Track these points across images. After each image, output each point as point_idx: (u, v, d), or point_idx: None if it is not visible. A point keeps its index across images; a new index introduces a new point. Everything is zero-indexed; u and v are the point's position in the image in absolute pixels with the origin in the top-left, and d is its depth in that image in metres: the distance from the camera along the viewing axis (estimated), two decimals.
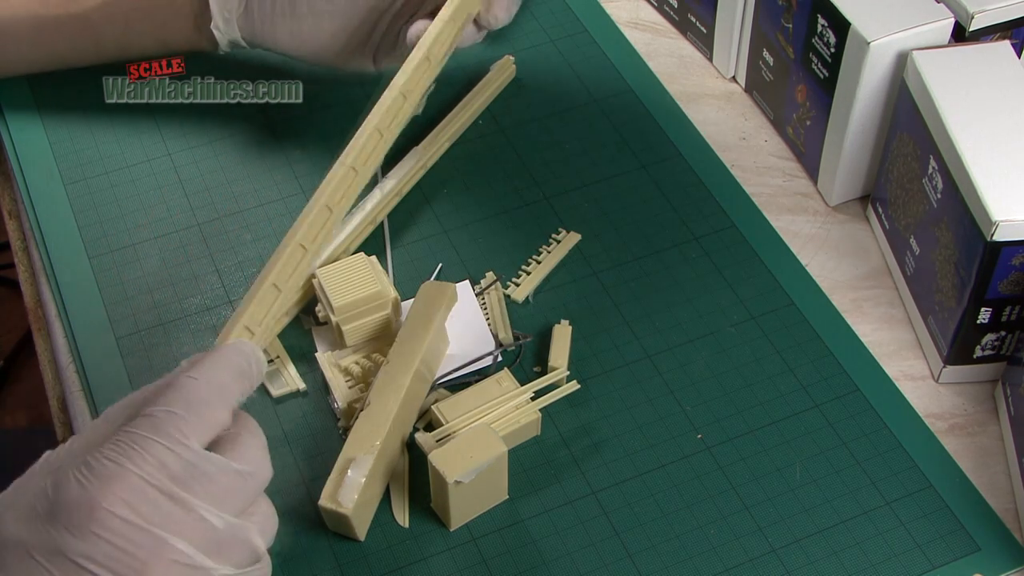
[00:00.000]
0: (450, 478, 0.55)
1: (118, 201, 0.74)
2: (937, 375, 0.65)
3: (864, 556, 0.58)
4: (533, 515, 0.59)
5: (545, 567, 0.58)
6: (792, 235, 0.72)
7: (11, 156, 0.77)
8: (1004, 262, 0.58)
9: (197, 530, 0.47)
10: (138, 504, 0.46)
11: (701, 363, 0.65)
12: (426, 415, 0.63)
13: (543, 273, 0.70)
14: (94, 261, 0.71)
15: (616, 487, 0.60)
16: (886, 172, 0.70)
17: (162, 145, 0.77)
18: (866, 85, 0.67)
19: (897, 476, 0.61)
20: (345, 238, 0.68)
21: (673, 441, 0.62)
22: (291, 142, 0.77)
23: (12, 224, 0.76)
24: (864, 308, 0.69)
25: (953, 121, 0.61)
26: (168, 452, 0.47)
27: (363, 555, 0.58)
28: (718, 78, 0.82)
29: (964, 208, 0.59)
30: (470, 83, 0.79)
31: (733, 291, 0.69)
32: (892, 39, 0.65)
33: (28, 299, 0.72)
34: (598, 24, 0.84)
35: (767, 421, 0.63)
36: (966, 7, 0.65)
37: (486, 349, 0.65)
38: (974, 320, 0.61)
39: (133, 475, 0.46)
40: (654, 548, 0.58)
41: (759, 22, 0.76)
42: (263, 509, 0.51)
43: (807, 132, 0.74)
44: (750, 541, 0.58)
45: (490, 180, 0.75)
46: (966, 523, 0.59)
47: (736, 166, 0.76)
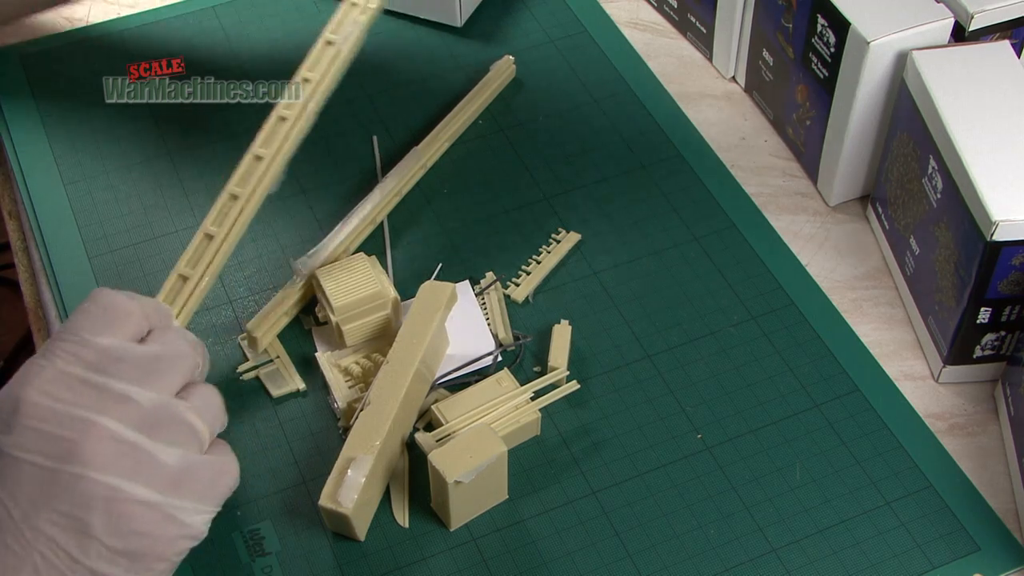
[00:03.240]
0: (450, 478, 0.55)
1: (118, 201, 0.74)
2: (937, 375, 0.65)
3: (864, 556, 0.58)
4: (533, 515, 0.59)
5: (545, 567, 0.58)
6: (792, 235, 0.72)
7: (11, 156, 0.77)
8: (1004, 262, 0.58)
9: (121, 408, 0.47)
10: (58, 392, 0.47)
11: (701, 363, 0.65)
12: (426, 415, 0.63)
13: (543, 273, 0.70)
14: (94, 261, 0.71)
15: (616, 487, 0.60)
16: (886, 172, 0.70)
17: (162, 145, 0.77)
18: (866, 85, 0.67)
19: (897, 476, 0.61)
20: (345, 238, 0.68)
21: (673, 441, 0.62)
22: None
23: (12, 224, 0.76)
24: (864, 308, 0.69)
25: (953, 121, 0.61)
26: (78, 346, 0.48)
27: (363, 555, 0.58)
28: (718, 78, 0.82)
29: (964, 208, 0.59)
30: (470, 83, 0.79)
31: (733, 291, 0.69)
32: (892, 39, 0.65)
33: (28, 299, 0.72)
34: (598, 24, 0.84)
35: (767, 421, 0.63)
36: (966, 7, 0.65)
37: (486, 349, 0.65)
38: (974, 320, 0.61)
39: (49, 369, 0.48)
40: (654, 548, 0.58)
41: (759, 22, 0.76)
42: (202, 393, 0.51)
43: (807, 132, 0.74)
44: (750, 541, 0.58)
45: (490, 180, 0.75)
46: (966, 523, 0.59)
47: (736, 166, 0.76)
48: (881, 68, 0.66)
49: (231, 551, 0.58)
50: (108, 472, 0.46)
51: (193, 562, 0.57)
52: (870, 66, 0.66)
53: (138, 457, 0.47)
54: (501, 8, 0.85)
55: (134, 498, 0.46)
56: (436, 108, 0.78)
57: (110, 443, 0.47)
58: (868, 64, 0.66)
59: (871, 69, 0.66)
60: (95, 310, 0.50)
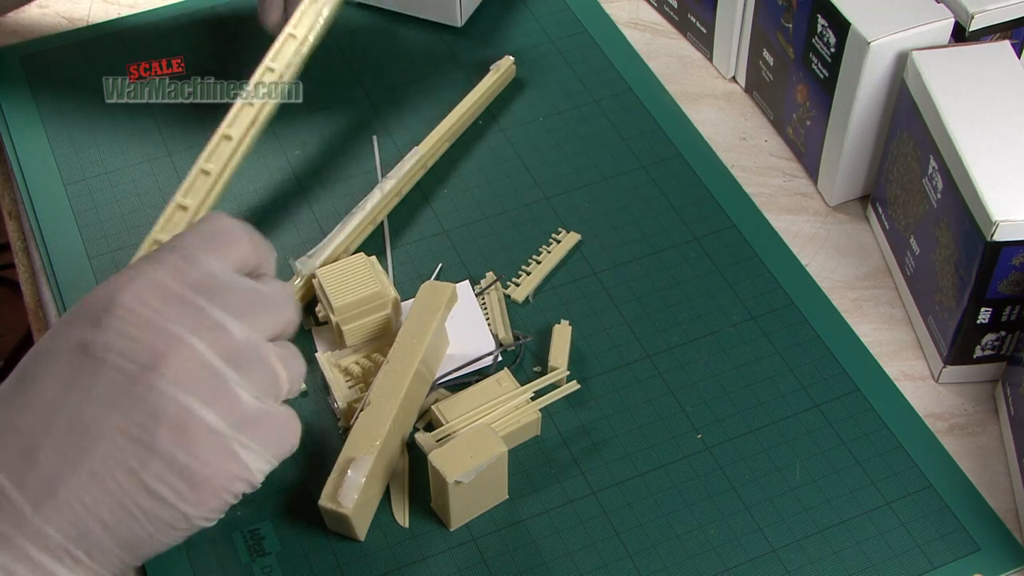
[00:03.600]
0: (450, 478, 0.55)
1: (118, 201, 0.74)
2: (937, 375, 0.65)
3: (864, 556, 0.58)
4: (533, 515, 0.59)
5: (545, 567, 0.58)
6: (792, 235, 0.72)
7: (11, 156, 0.77)
8: (1004, 262, 0.58)
9: (214, 335, 0.47)
10: (154, 302, 0.46)
11: (701, 363, 0.65)
12: (426, 415, 0.63)
13: (543, 273, 0.70)
14: (94, 261, 0.71)
15: (616, 487, 0.60)
16: (886, 172, 0.70)
17: (162, 145, 0.77)
18: (866, 85, 0.67)
19: (897, 476, 0.61)
20: (345, 238, 0.68)
21: (673, 441, 0.62)
22: (291, 142, 0.77)
23: (12, 224, 0.76)
24: (864, 308, 0.69)
25: (953, 121, 0.61)
26: (184, 263, 0.48)
27: (363, 555, 0.58)
28: (718, 78, 0.82)
29: (964, 208, 0.59)
30: (470, 83, 0.79)
31: (733, 291, 0.69)
32: (892, 39, 0.65)
33: (28, 299, 0.72)
34: (598, 24, 0.84)
35: (767, 421, 0.63)
36: (966, 7, 0.65)
37: (486, 349, 0.65)
38: (974, 320, 0.61)
39: (149, 277, 0.47)
40: (654, 548, 0.58)
41: (759, 22, 0.76)
42: (290, 349, 0.51)
43: (807, 132, 0.74)
44: (750, 541, 0.58)
45: (490, 180, 0.75)
46: (966, 523, 0.59)
47: (736, 166, 0.76)
48: (881, 68, 0.66)
49: (231, 551, 0.58)
50: (186, 391, 0.45)
51: (193, 562, 0.57)
52: (870, 66, 0.66)
53: (218, 385, 0.46)
54: (501, 8, 0.85)
55: (205, 423, 0.45)
56: (436, 108, 0.78)
57: (194, 364, 0.46)
58: (868, 64, 0.66)
59: (871, 69, 0.66)
60: (208, 230, 0.50)
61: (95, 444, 0.44)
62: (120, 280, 0.47)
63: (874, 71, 0.66)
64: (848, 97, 0.68)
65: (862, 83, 0.67)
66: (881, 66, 0.66)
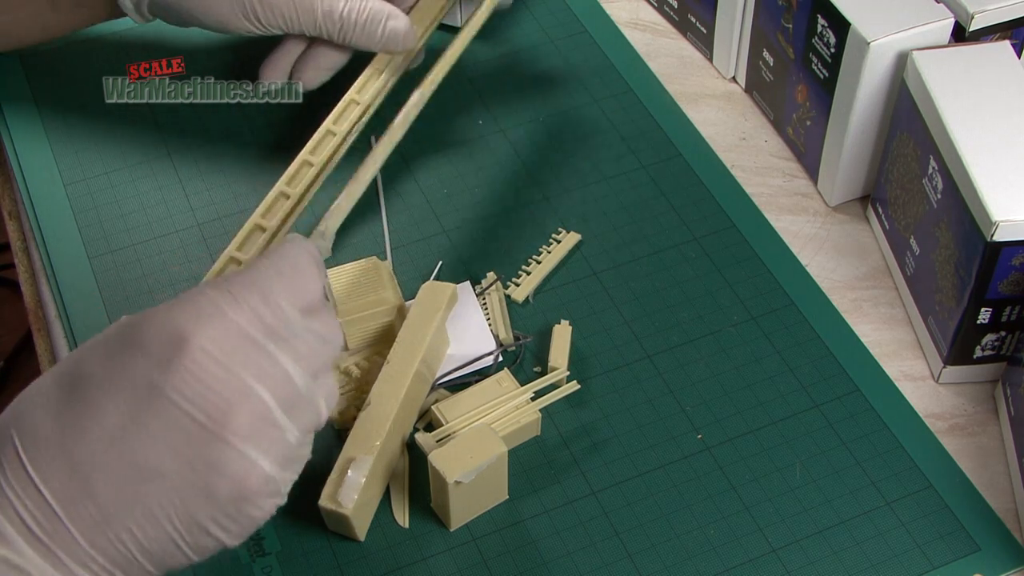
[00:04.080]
0: (450, 478, 0.55)
1: (118, 201, 0.74)
2: (937, 375, 0.65)
3: (864, 556, 0.58)
4: (533, 515, 0.59)
5: (545, 567, 0.58)
6: (792, 235, 0.72)
7: (11, 156, 0.77)
8: (1004, 262, 0.58)
9: (280, 385, 0.47)
10: (230, 347, 0.46)
11: (701, 363, 0.65)
12: (426, 415, 0.63)
13: (543, 273, 0.70)
14: (94, 261, 0.71)
15: (616, 487, 0.60)
16: (886, 172, 0.70)
17: (162, 145, 0.77)
18: (866, 85, 0.67)
19: (897, 476, 0.61)
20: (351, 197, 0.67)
21: (673, 441, 0.62)
22: (291, 142, 0.77)
23: (12, 224, 0.76)
24: (864, 308, 0.69)
25: (953, 121, 0.61)
26: (263, 306, 0.47)
27: (363, 555, 0.58)
28: (718, 78, 0.82)
29: (964, 208, 0.59)
30: (470, 83, 0.79)
31: (733, 291, 0.69)
32: (892, 39, 0.65)
33: (28, 299, 0.72)
34: (598, 24, 0.84)
35: (767, 421, 0.63)
36: (966, 7, 0.65)
37: (486, 349, 0.65)
38: (974, 320, 0.61)
39: (228, 319, 0.46)
40: (654, 548, 0.58)
41: (759, 22, 0.76)
42: (329, 381, 0.51)
43: (807, 132, 0.74)
44: (750, 541, 0.58)
45: (490, 180, 0.75)
46: (966, 523, 0.59)
47: (736, 166, 0.76)
48: (881, 68, 0.66)
49: (231, 551, 0.58)
50: (249, 443, 0.45)
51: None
52: (870, 66, 0.66)
53: (275, 435, 0.46)
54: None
55: (263, 472, 0.46)
56: (436, 108, 0.78)
57: (259, 418, 0.46)
58: (868, 64, 0.66)
59: (871, 69, 0.66)
60: (286, 267, 0.49)
61: (153, 487, 0.45)
62: (193, 312, 0.46)
63: (874, 71, 0.66)
64: (848, 97, 0.68)
65: (862, 83, 0.67)
66: (881, 66, 0.66)
